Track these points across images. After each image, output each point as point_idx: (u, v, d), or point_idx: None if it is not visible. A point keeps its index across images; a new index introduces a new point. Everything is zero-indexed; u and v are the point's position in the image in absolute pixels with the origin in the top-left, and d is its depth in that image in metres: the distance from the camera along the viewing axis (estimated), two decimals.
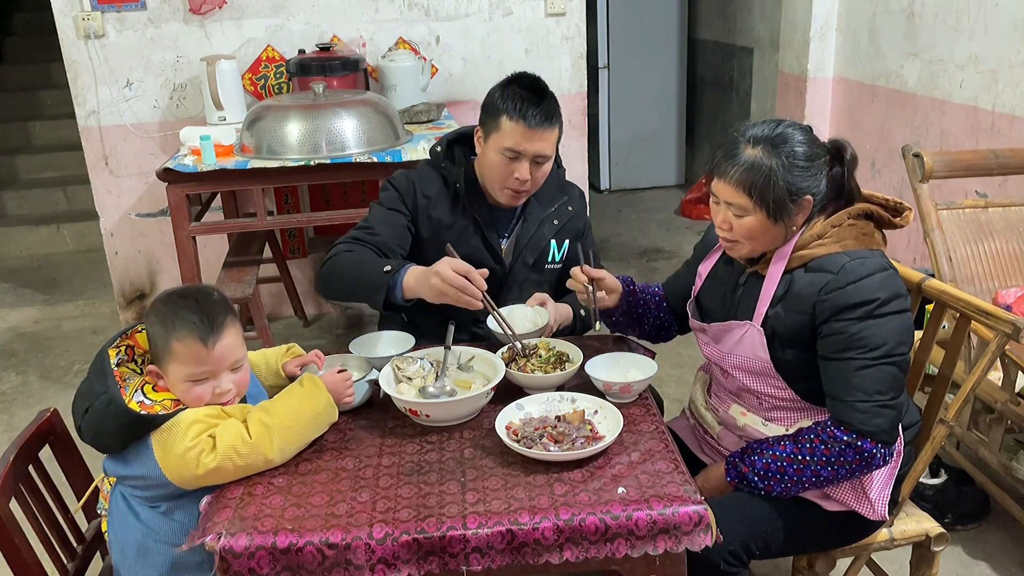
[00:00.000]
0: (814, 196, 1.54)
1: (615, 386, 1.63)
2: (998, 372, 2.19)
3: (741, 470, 1.60)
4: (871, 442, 1.48)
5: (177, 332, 1.43)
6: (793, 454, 1.54)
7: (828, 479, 1.53)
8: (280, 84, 3.73)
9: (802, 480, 1.54)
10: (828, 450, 1.50)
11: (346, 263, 1.86)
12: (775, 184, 1.49)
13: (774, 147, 1.50)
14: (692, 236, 5.15)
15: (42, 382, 3.60)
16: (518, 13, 3.83)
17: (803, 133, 1.54)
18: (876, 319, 1.48)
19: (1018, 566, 2.27)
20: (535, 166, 1.91)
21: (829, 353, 1.52)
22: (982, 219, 2.49)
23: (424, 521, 1.31)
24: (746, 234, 1.55)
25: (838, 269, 1.51)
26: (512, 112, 1.85)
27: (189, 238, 3.00)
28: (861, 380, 1.48)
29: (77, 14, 3.51)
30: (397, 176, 2.05)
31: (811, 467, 1.52)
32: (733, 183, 1.52)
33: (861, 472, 1.52)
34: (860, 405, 1.48)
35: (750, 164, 1.50)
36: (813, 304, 1.52)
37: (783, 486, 1.56)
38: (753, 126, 1.55)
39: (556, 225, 2.07)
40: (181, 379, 1.45)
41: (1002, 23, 2.98)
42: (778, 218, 1.52)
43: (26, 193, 5.49)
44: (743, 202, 1.52)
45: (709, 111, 6.12)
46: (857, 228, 1.56)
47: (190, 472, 1.39)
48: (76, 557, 1.63)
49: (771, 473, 1.56)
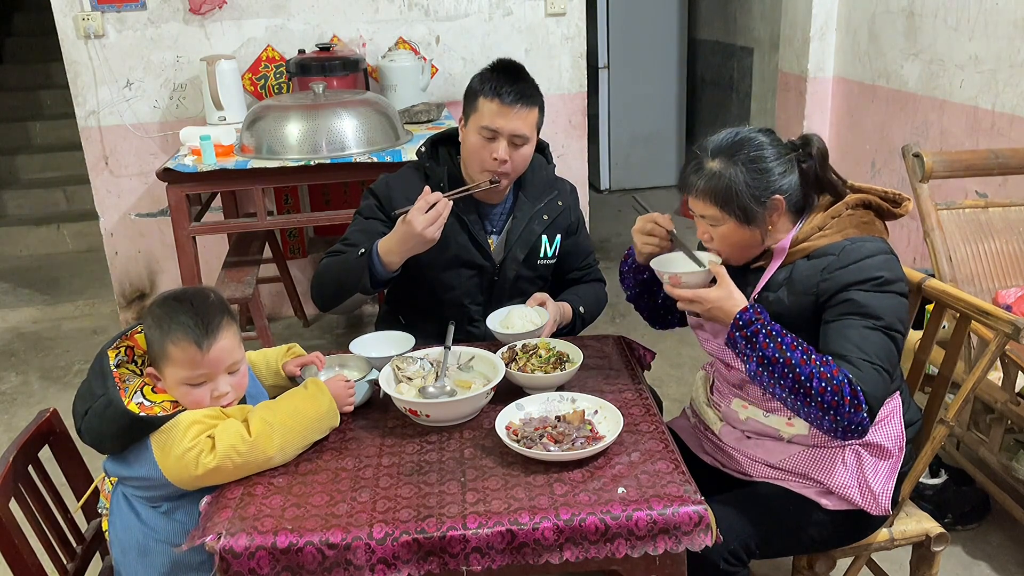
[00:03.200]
0: (784, 194, 1.57)
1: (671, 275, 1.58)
2: (998, 372, 2.19)
3: (757, 313, 1.51)
4: (864, 399, 1.45)
5: (172, 335, 1.43)
6: (809, 349, 1.48)
7: (811, 393, 1.45)
8: (280, 84, 3.73)
9: (794, 369, 1.46)
10: (836, 372, 1.44)
11: (326, 269, 1.96)
12: (738, 191, 1.54)
13: (731, 156, 1.56)
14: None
15: (42, 382, 3.60)
16: (518, 13, 3.83)
17: (763, 135, 1.59)
18: (880, 292, 1.51)
19: (1018, 566, 2.27)
20: (513, 148, 1.93)
21: (833, 317, 1.53)
22: (982, 219, 2.49)
23: (424, 521, 1.31)
24: (725, 242, 1.61)
25: (840, 251, 1.54)
26: (488, 92, 1.90)
27: (189, 238, 3.00)
28: (862, 340, 1.49)
29: (77, 14, 3.51)
30: (378, 182, 2.08)
31: (811, 367, 1.45)
32: (700, 196, 1.58)
33: (840, 415, 1.44)
34: (860, 362, 1.47)
35: (710, 175, 1.56)
36: (816, 284, 1.54)
37: (774, 355, 1.47)
38: (714, 138, 1.60)
39: (546, 220, 2.08)
40: (178, 382, 1.45)
41: (1002, 23, 2.98)
42: (749, 222, 1.56)
43: (26, 193, 5.49)
44: (713, 212, 1.58)
45: (709, 111, 6.12)
46: (857, 216, 1.59)
47: (189, 473, 1.39)
48: (76, 557, 1.63)
49: (779, 339, 1.48)
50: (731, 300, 1.53)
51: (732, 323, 1.52)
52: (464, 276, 2.05)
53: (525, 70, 1.96)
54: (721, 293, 1.54)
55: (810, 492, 1.62)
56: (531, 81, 1.95)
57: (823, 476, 1.61)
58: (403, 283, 1.99)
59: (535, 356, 1.75)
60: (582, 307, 2.09)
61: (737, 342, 1.52)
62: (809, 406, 1.47)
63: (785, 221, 1.61)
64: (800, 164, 1.59)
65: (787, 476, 1.65)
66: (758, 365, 1.50)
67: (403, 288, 2.05)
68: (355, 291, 1.90)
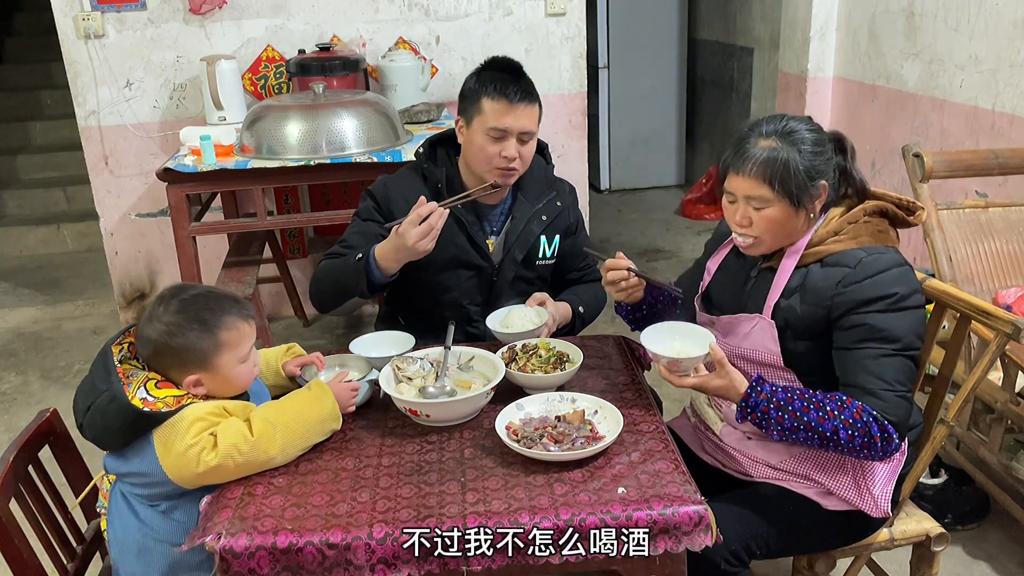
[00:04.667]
0: (828, 182, 1.57)
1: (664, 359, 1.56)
2: (998, 372, 2.19)
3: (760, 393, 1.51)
4: (893, 428, 1.47)
5: (224, 323, 1.47)
6: (822, 402, 1.49)
7: (841, 443, 1.47)
8: (280, 84, 3.73)
9: (816, 430, 1.47)
10: (858, 415, 1.46)
11: (324, 272, 1.97)
12: (795, 171, 1.52)
13: (787, 136, 1.54)
14: (692, 236, 5.15)
15: (42, 382, 3.60)
16: (518, 13, 3.82)
17: (807, 122, 1.58)
18: (896, 312, 1.49)
19: (1018, 566, 2.27)
20: (520, 144, 1.93)
21: (848, 344, 1.52)
22: (982, 219, 2.49)
23: (424, 521, 1.31)
24: (768, 227, 1.56)
25: (856, 263, 1.52)
26: (492, 92, 1.89)
27: (189, 238, 3.00)
28: (882, 369, 1.48)
29: (77, 14, 3.51)
30: (375, 183, 2.08)
31: (832, 422, 1.46)
32: (753, 176, 1.53)
33: (875, 452, 1.47)
34: (884, 393, 1.48)
35: (767, 155, 1.52)
36: (830, 297, 1.53)
37: (792, 424, 1.48)
38: (759, 122, 1.58)
39: (545, 221, 2.08)
40: (233, 365, 1.49)
41: (1002, 23, 2.98)
42: (799, 204, 1.54)
43: (26, 193, 5.49)
44: (764, 193, 1.53)
45: (709, 111, 6.12)
46: (872, 225, 1.58)
47: (190, 470, 1.39)
48: (75, 557, 1.63)
49: (790, 407, 1.48)
50: (733, 388, 1.53)
51: (739, 409, 1.53)
52: (463, 277, 2.05)
53: (521, 66, 1.96)
54: (722, 382, 1.53)
55: (810, 492, 1.62)
56: (528, 77, 1.95)
57: (823, 477, 1.61)
58: (402, 284, 1.99)
59: (535, 356, 1.74)
60: (581, 307, 2.09)
61: (750, 421, 1.54)
62: (843, 451, 1.50)
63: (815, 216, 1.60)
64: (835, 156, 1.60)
65: (788, 477, 1.65)
66: (779, 436, 1.53)
67: (402, 289, 2.05)
68: (353, 295, 1.90)
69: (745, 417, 1.53)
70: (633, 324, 1.88)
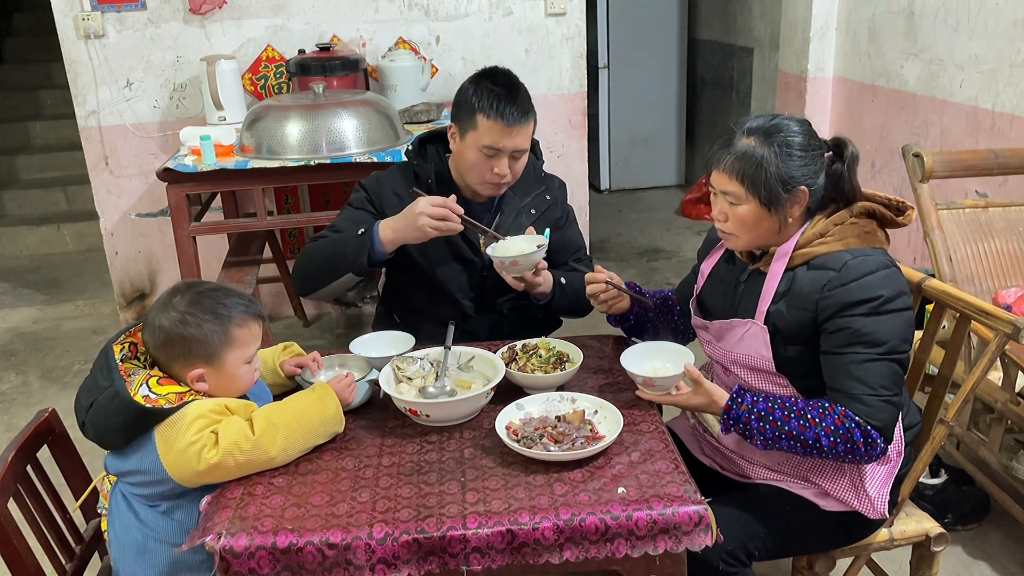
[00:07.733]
0: (810, 188, 1.55)
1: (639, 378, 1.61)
2: (998, 372, 2.19)
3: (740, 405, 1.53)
4: (877, 433, 1.48)
5: (235, 319, 1.48)
6: (803, 410, 1.50)
7: (824, 450, 1.48)
8: (280, 84, 3.73)
9: (799, 438, 1.48)
10: (839, 422, 1.47)
11: (315, 249, 1.97)
12: (767, 172, 1.51)
13: (767, 136, 1.53)
14: (692, 236, 5.15)
15: (42, 382, 3.60)
16: (518, 13, 3.82)
17: (799, 125, 1.56)
18: (880, 315, 1.49)
19: (1018, 566, 2.27)
20: (513, 160, 1.95)
21: (833, 348, 1.52)
22: (982, 219, 2.49)
23: (424, 521, 1.31)
24: (740, 224, 1.57)
25: (840, 266, 1.51)
26: (489, 111, 1.89)
27: (189, 238, 3.00)
28: (866, 374, 1.48)
29: (77, 14, 3.51)
30: (369, 178, 2.11)
31: (814, 430, 1.47)
32: (726, 171, 1.55)
33: (859, 457, 1.49)
34: (867, 398, 1.48)
35: (742, 152, 1.53)
36: (816, 301, 1.52)
37: (775, 434, 1.49)
38: (752, 119, 1.58)
39: (534, 215, 2.09)
40: (238, 364, 1.49)
41: (1002, 23, 2.98)
42: (771, 207, 1.53)
43: (26, 193, 5.49)
44: (736, 190, 1.54)
45: (709, 111, 6.12)
46: (859, 226, 1.57)
47: (191, 467, 1.39)
48: (75, 557, 1.62)
49: (771, 417, 1.50)
50: (714, 403, 1.57)
51: (722, 422, 1.56)
52: (455, 272, 2.07)
53: (518, 80, 1.96)
54: (701, 400, 1.57)
55: (808, 493, 1.62)
56: (526, 91, 1.96)
57: (820, 479, 1.61)
58: (396, 283, 2.00)
59: (535, 356, 1.75)
60: (563, 278, 2.08)
61: (734, 432, 1.56)
62: (827, 457, 1.51)
63: (797, 220, 1.59)
64: (830, 165, 1.57)
65: (785, 478, 1.65)
66: (763, 446, 1.54)
67: (397, 288, 2.06)
68: (346, 272, 1.91)
69: (728, 429, 1.55)
70: (628, 333, 1.92)
